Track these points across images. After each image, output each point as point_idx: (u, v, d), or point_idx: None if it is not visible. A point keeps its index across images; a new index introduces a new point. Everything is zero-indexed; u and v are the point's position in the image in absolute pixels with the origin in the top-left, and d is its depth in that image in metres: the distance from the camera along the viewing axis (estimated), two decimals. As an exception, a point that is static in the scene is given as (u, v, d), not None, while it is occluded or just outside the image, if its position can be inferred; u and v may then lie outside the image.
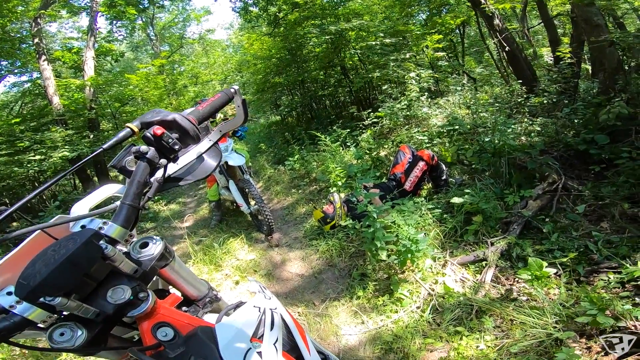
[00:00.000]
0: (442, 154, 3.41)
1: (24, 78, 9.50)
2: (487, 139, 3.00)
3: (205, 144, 0.75)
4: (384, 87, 4.98)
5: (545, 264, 1.81)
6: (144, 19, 12.76)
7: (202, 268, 2.80)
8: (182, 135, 0.66)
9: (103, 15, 7.84)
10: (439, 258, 2.17)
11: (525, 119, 3.63)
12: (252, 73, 8.51)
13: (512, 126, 3.19)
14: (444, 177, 3.00)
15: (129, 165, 0.64)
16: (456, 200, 2.47)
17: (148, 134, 0.62)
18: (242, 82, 10.04)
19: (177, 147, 0.64)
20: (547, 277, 1.79)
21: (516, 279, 1.90)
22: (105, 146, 0.63)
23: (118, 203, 0.59)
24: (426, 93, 4.67)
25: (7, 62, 8.24)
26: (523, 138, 3.30)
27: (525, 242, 2.08)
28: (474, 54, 9.65)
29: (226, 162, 3.02)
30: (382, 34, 5.34)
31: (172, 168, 0.70)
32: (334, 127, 4.92)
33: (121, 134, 0.64)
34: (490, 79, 6.65)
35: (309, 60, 6.77)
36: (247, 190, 3.05)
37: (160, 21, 15.18)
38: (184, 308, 0.73)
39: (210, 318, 0.73)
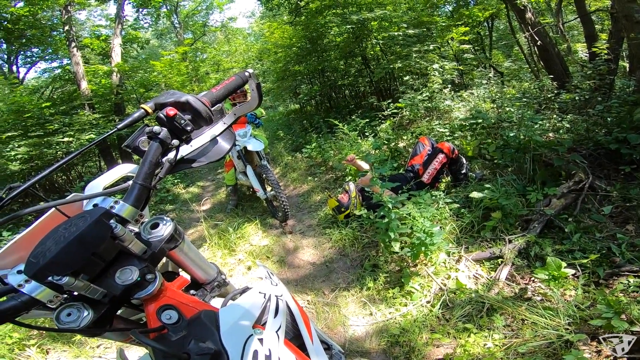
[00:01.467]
0: (463, 147, 3.33)
1: (55, 64, 9.95)
2: (511, 134, 2.91)
3: (219, 126, 0.75)
4: (405, 78, 4.88)
5: (564, 264, 1.75)
6: (168, 7, 12.98)
7: (216, 252, 2.86)
8: (195, 116, 0.66)
9: (130, 3, 8.05)
10: (453, 253, 2.13)
11: (554, 115, 3.48)
12: (272, 61, 8.52)
13: (540, 122, 3.07)
14: (463, 171, 2.93)
15: (142, 146, 0.64)
16: (475, 194, 2.39)
17: (161, 115, 0.62)
18: (263, 70, 10.08)
19: (189, 128, 0.64)
20: (564, 278, 1.73)
21: (532, 279, 1.84)
22: (119, 126, 0.64)
23: (130, 182, 0.60)
24: (449, 85, 4.54)
25: (38, 49, 8.62)
26: (550, 134, 3.18)
27: (545, 241, 2.01)
28: (502, 47, 9.27)
29: (245, 147, 3.06)
30: (405, 25, 5.20)
31: (185, 150, 0.70)
32: (353, 117, 4.89)
33: (135, 115, 0.65)
34: (518, 73, 6.39)
35: (329, 50, 6.71)
36: (264, 176, 3.08)
37: (184, 9, 15.37)
38: (191, 291, 0.73)
39: (217, 302, 0.73)
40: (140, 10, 8.76)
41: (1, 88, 5.84)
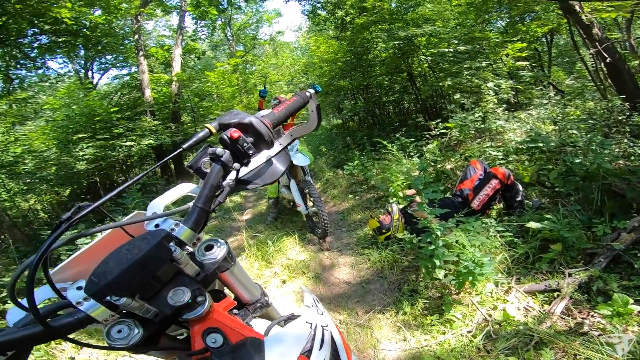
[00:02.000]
0: (519, 172, 3.10)
1: (124, 71, 11.03)
2: (577, 160, 2.67)
3: (275, 147, 0.74)
4: (455, 97, 4.68)
5: (631, 300, 1.59)
6: (223, 20, 13.90)
7: (253, 263, 2.91)
8: (257, 139, 0.65)
9: (190, 15, 8.70)
10: (502, 283, 2.01)
11: (625, 140, 3.13)
12: (317, 75, 8.67)
13: (610, 147, 2.78)
14: (519, 199, 2.71)
15: (204, 167, 0.64)
16: (533, 225, 2.23)
17: (225, 137, 0.62)
18: (307, 84, 10.32)
19: (251, 152, 0.64)
20: (629, 315, 1.57)
21: (591, 314, 1.69)
22: (185, 146, 0.64)
23: (191, 204, 0.60)
24: (504, 105, 4.28)
25: (111, 57, 9.58)
26: (621, 162, 2.86)
27: (611, 276, 1.84)
28: (562, 64, 8.62)
29: (290, 162, 3.11)
30: (455, 41, 5.03)
31: (242, 171, 0.71)
32: (397, 135, 4.78)
33: (200, 135, 0.65)
34: (582, 92, 5.87)
35: (374, 65, 6.67)
36: (306, 191, 3.10)
37: (236, 22, 16.37)
38: (234, 310, 0.73)
39: (257, 323, 0.73)
40: (199, 22, 9.44)
41: (77, 92, 6.43)
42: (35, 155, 5.71)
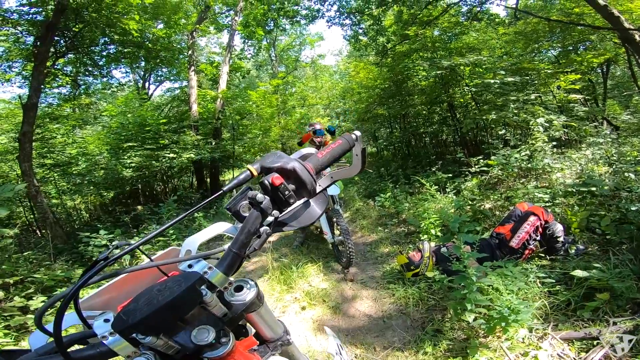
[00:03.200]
0: (567, 218, 2.85)
1: (176, 85, 11.88)
2: (633, 208, 2.47)
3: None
4: (500, 132, 4.45)
5: None
6: (268, 40, 14.64)
7: (275, 286, 2.89)
8: (298, 187, 0.64)
9: (239, 34, 9.23)
10: (537, 329, 1.86)
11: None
12: (355, 101, 8.69)
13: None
14: (561, 239, 2.49)
15: (242, 211, 0.64)
16: (579, 273, 2.07)
17: (266, 182, 0.61)
18: (344, 109, 10.41)
19: (292, 200, 0.62)
20: None
21: None
22: (225, 189, 0.64)
23: (226, 247, 0.60)
24: (553, 142, 3.98)
25: (166, 70, 10.31)
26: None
27: None
28: (618, 96, 7.99)
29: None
30: (502, 72, 4.82)
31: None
32: (433, 169, 4.60)
33: (241, 177, 0.65)
34: None
35: (413, 94, 6.58)
36: (335, 220, 3.06)
37: (280, 43, 17.16)
38: (254, 347, 0.72)
39: None
40: (246, 41, 9.98)
41: (133, 102, 6.90)
42: (87, 158, 6.20)
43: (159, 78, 11.97)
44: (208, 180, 7.70)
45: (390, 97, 6.77)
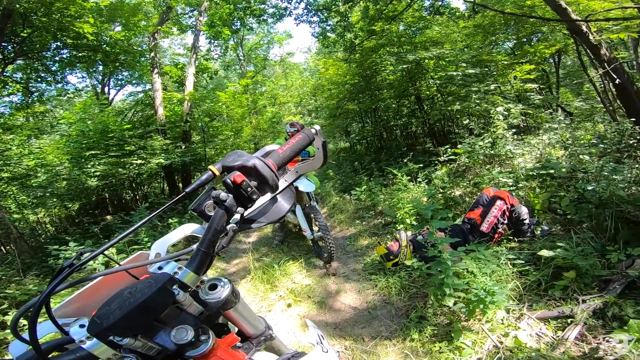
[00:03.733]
0: (530, 200, 3.04)
1: (139, 89, 11.30)
2: (589, 187, 2.63)
3: (280, 184, 0.73)
4: (464, 122, 4.67)
5: None
6: (235, 40, 14.32)
7: (259, 286, 2.88)
8: (261, 183, 0.64)
9: (204, 35, 8.95)
10: (514, 310, 1.97)
11: (637, 165, 3.06)
12: (325, 98, 8.76)
13: (622, 174, 2.71)
14: (526, 221, 2.66)
15: (207, 210, 0.65)
16: (545, 252, 2.19)
17: (228, 181, 0.62)
18: (315, 106, 10.45)
19: (255, 196, 0.63)
20: None
21: (606, 339, 1.65)
22: (188, 190, 0.64)
23: (194, 247, 0.61)
24: (513, 130, 4.23)
25: (128, 73, 9.81)
26: (634, 188, 2.78)
27: (627, 302, 1.81)
28: (570, 85, 8.59)
29: (296, 187, 3.10)
30: (464, 64, 5.05)
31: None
32: (405, 160, 4.74)
33: (203, 178, 0.65)
34: (592, 113, 5.80)
35: (382, 88, 6.73)
36: (312, 216, 3.09)
37: (248, 42, 16.86)
38: (237, 344, 0.73)
39: (261, 357, 0.73)
40: (212, 41, 9.70)
41: (92, 108, 6.47)
42: (47, 169, 5.80)
43: (119, 82, 11.33)
44: (180, 185, 7.45)
45: (360, 92, 6.89)
